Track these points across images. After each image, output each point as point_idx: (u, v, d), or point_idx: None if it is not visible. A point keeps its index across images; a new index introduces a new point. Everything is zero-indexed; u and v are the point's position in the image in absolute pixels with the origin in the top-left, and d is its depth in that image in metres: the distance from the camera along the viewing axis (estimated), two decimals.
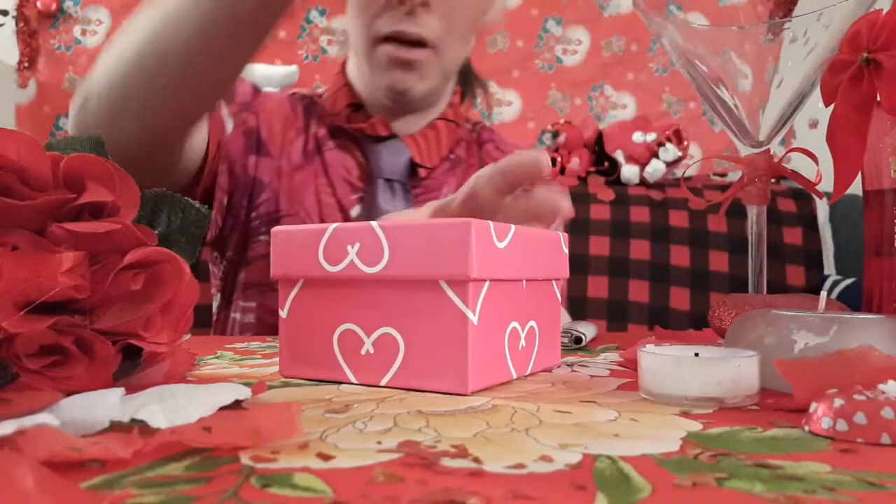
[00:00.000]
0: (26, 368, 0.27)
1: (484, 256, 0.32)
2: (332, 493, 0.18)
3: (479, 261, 0.31)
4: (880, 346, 0.28)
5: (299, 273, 0.35)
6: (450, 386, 0.32)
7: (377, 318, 0.34)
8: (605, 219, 1.61)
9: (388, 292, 0.33)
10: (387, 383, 0.34)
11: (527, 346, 0.37)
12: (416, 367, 0.33)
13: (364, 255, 0.33)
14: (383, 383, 0.34)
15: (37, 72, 2.13)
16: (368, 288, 0.34)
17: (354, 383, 0.35)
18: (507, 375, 0.35)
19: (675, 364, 0.30)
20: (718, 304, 0.46)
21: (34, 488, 0.16)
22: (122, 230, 0.28)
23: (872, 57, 0.38)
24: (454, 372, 0.32)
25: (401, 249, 0.32)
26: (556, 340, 0.41)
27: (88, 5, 2.14)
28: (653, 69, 2.04)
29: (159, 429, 0.22)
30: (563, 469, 0.21)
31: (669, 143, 1.70)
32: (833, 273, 1.63)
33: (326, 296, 0.35)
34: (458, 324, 0.32)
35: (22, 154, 0.27)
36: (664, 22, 0.49)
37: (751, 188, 0.48)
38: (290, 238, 0.36)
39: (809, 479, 0.20)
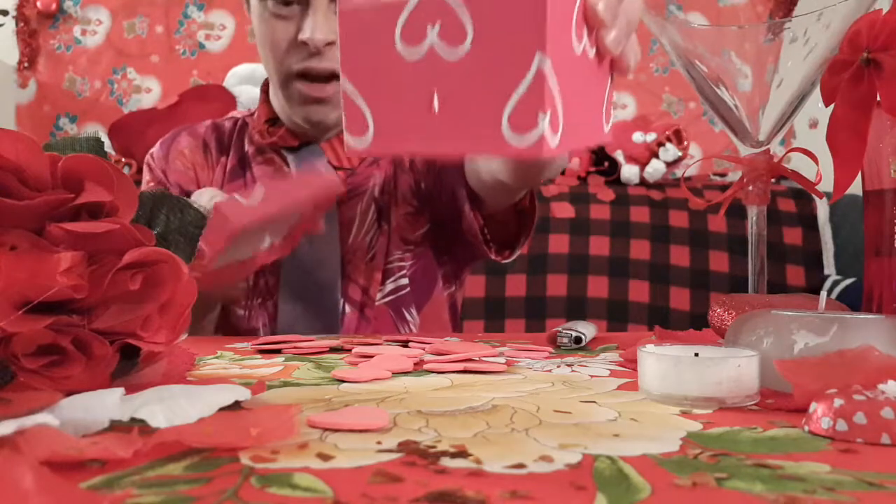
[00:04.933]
0: (24, 368, 0.27)
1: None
2: (332, 493, 0.18)
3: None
4: (880, 346, 0.28)
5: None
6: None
7: None
8: (605, 219, 1.61)
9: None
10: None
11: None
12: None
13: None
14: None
15: (37, 72, 2.13)
16: None
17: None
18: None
19: (675, 364, 0.30)
20: (718, 304, 0.46)
21: (34, 488, 0.16)
22: (120, 230, 0.28)
23: (872, 57, 0.38)
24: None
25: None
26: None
27: (88, 5, 2.14)
28: (653, 69, 2.04)
29: (159, 429, 0.22)
30: (563, 469, 0.21)
31: (669, 143, 1.70)
32: (833, 273, 1.63)
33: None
34: None
35: (20, 154, 0.27)
36: (664, 22, 0.49)
37: (751, 188, 0.48)
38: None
39: (809, 479, 0.20)
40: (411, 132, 0.30)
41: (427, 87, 0.29)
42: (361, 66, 0.31)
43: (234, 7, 2.15)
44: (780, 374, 0.29)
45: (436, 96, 0.29)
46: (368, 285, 0.77)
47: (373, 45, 0.30)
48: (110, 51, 2.15)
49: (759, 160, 0.48)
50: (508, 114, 0.28)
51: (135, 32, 2.15)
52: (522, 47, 0.27)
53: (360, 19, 0.30)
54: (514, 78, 0.27)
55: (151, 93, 2.16)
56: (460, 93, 0.29)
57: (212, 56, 2.16)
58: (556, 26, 0.27)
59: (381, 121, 0.31)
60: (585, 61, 0.31)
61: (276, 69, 0.75)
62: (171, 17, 2.15)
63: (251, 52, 2.11)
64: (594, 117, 0.34)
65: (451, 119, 0.29)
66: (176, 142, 0.86)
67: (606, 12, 0.31)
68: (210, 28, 2.16)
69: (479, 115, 0.28)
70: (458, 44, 0.28)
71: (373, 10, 0.30)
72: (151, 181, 0.85)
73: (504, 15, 0.27)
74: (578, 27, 0.30)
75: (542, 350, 0.47)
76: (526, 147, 0.27)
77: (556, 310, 1.55)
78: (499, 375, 0.38)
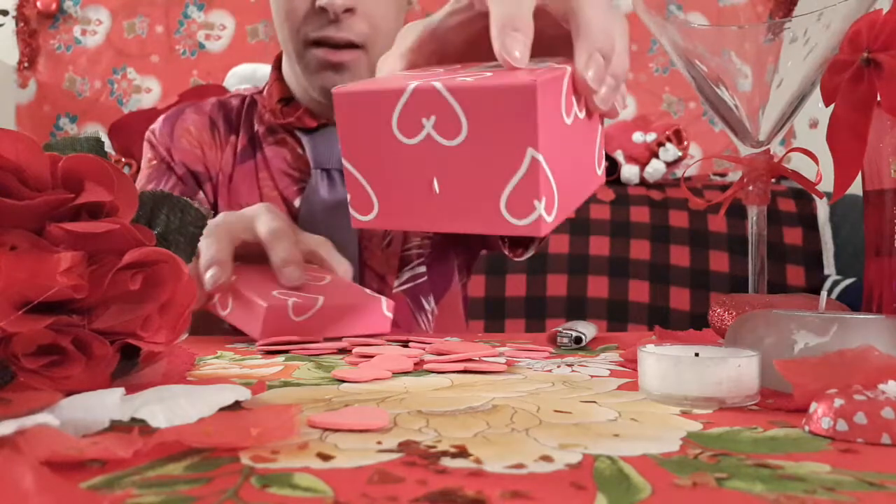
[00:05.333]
0: (24, 368, 0.27)
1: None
2: (332, 493, 0.18)
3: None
4: (880, 346, 0.28)
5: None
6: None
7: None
8: (605, 219, 1.61)
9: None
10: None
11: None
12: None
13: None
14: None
15: (37, 72, 2.13)
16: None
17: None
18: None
19: (675, 364, 0.30)
20: (718, 304, 0.46)
21: (34, 488, 0.16)
22: (120, 230, 0.28)
23: (872, 57, 0.38)
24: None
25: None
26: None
27: (88, 5, 2.14)
28: (653, 69, 2.05)
29: (159, 429, 0.22)
30: (563, 469, 0.21)
31: (669, 143, 1.70)
32: (833, 273, 1.63)
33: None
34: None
35: (20, 154, 0.27)
36: (664, 22, 0.49)
37: (751, 188, 0.48)
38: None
39: (809, 479, 0.20)
40: (415, 211, 0.31)
41: (427, 171, 0.30)
42: (361, 149, 0.31)
43: (234, 7, 2.15)
44: (780, 374, 0.29)
45: (436, 180, 0.30)
46: (385, 273, 0.76)
47: (370, 130, 0.31)
48: (110, 51, 2.15)
49: (759, 160, 0.48)
50: (505, 200, 0.29)
51: (135, 32, 2.15)
52: (515, 142, 0.28)
53: (356, 104, 0.31)
54: (509, 169, 0.28)
55: (151, 93, 2.16)
56: (459, 179, 0.29)
57: (212, 56, 2.16)
58: (546, 117, 0.28)
59: (384, 200, 0.32)
60: (576, 124, 0.32)
61: (291, 37, 0.73)
62: (171, 17, 2.16)
63: (251, 52, 2.12)
64: (587, 170, 0.35)
65: (451, 201, 0.30)
66: (181, 118, 0.82)
67: (595, 81, 0.31)
68: (210, 28, 2.16)
69: (478, 200, 0.29)
70: (454, 136, 0.29)
71: (368, 98, 0.30)
72: (154, 159, 0.81)
73: (496, 112, 0.28)
74: (567, 100, 0.30)
75: (542, 350, 0.47)
76: (524, 227, 0.29)
77: (556, 310, 1.55)
78: (499, 375, 0.38)
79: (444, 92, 0.28)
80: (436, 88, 0.28)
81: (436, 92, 0.28)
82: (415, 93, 0.29)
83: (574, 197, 0.32)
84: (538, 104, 0.27)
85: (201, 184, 0.80)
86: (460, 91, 0.28)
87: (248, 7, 2.15)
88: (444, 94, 0.28)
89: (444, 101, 0.28)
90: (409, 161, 0.30)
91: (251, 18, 2.15)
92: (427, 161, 0.30)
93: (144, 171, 0.81)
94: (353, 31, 0.71)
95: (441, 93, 0.28)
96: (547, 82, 0.27)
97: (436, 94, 0.28)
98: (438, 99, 0.28)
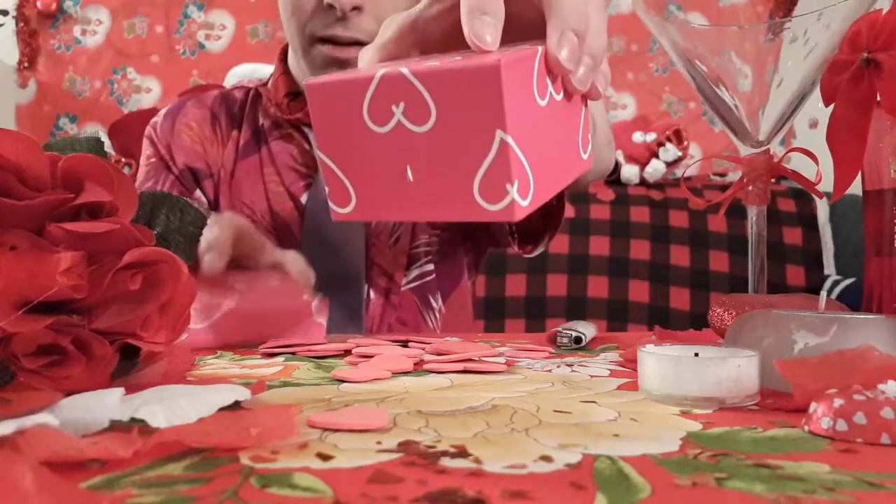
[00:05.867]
0: (24, 368, 0.27)
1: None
2: (331, 493, 0.18)
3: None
4: (880, 346, 0.28)
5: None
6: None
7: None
8: (605, 219, 1.61)
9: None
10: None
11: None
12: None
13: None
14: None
15: (37, 72, 2.13)
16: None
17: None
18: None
19: (675, 364, 0.30)
20: (718, 304, 0.46)
21: (34, 488, 0.16)
22: (120, 230, 0.28)
23: (872, 57, 0.38)
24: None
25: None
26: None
27: (88, 5, 2.14)
28: (653, 69, 2.04)
29: (159, 429, 0.22)
30: (562, 469, 0.21)
31: (669, 143, 1.70)
32: (833, 273, 1.63)
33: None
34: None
35: (20, 154, 0.27)
36: (664, 22, 0.49)
37: (751, 188, 0.48)
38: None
39: (809, 479, 0.20)
40: (391, 201, 0.31)
41: (400, 159, 0.30)
42: (335, 140, 0.31)
43: (234, 7, 2.15)
44: (780, 374, 0.28)
45: (409, 168, 0.30)
46: (394, 271, 0.75)
47: (343, 120, 0.31)
48: (110, 51, 2.15)
49: (759, 160, 0.48)
50: (478, 185, 0.28)
51: (135, 32, 2.15)
52: (483, 125, 0.27)
53: (328, 95, 0.31)
54: (479, 154, 0.28)
55: (151, 93, 2.16)
56: (431, 165, 0.29)
57: (212, 56, 2.16)
58: (514, 98, 0.28)
59: (361, 191, 0.32)
60: (553, 107, 0.32)
61: (298, 33, 0.72)
62: (171, 17, 2.16)
63: (251, 52, 2.12)
64: (569, 154, 0.34)
65: (426, 189, 0.30)
66: (182, 113, 0.81)
67: (570, 61, 0.31)
68: (210, 28, 2.16)
69: (451, 186, 0.29)
70: (424, 122, 0.29)
71: (339, 87, 0.30)
72: (153, 156, 0.80)
73: (462, 94, 0.28)
74: (541, 81, 0.30)
75: (542, 350, 0.47)
76: (498, 212, 0.28)
77: (556, 310, 1.55)
78: (499, 375, 0.38)
79: (411, 77, 0.28)
80: (403, 74, 0.28)
81: (403, 78, 0.28)
82: (383, 80, 0.29)
83: (555, 181, 0.32)
84: (503, 85, 0.26)
85: (200, 181, 0.79)
86: (426, 75, 0.28)
87: (248, 7, 2.15)
88: (411, 80, 0.28)
89: (412, 86, 0.28)
90: (382, 149, 0.30)
91: (251, 18, 2.15)
92: (399, 149, 0.30)
93: (143, 167, 0.80)
94: (361, 30, 0.71)
95: (408, 78, 0.28)
96: (513, 62, 0.27)
97: (403, 80, 0.28)
98: (406, 85, 0.28)
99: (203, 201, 0.79)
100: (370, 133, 0.30)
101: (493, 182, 0.28)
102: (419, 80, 0.28)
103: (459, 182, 0.29)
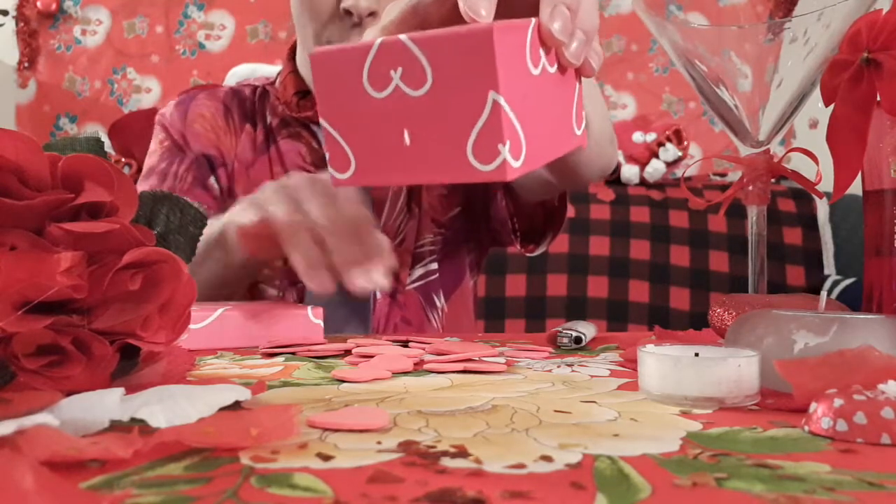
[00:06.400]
0: (24, 368, 0.27)
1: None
2: (331, 493, 0.18)
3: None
4: (880, 346, 0.28)
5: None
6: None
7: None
8: (605, 219, 1.61)
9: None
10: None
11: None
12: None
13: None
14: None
15: (37, 72, 2.13)
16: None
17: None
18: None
19: (675, 364, 0.30)
20: (718, 304, 0.46)
21: (34, 488, 0.16)
22: (120, 230, 0.28)
23: (872, 57, 0.38)
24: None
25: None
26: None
27: (88, 5, 2.14)
28: (653, 69, 2.04)
29: (159, 429, 0.22)
30: (563, 469, 0.21)
31: (669, 143, 1.70)
32: (833, 273, 1.63)
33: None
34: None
35: (20, 154, 0.27)
36: (664, 22, 0.49)
37: (751, 188, 0.48)
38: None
39: (809, 479, 0.20)
40: (389, 165, 0.32)
41: (397, 124, 0.31)
42: (336, 107, 0.33)
43: (234, 7, 2.15)
44: (780, 374, 0.28)
45: (406, 132, 0.31)
46: (399, 269, 0.75)
47: (344, 87, 0.32)
48: (110, 51, 2.15)
49: (759, 160, 0.48)
50: (471, 146, 0.30)
51: (135, 32, 2.15)
52: (477, 86, 0.29)
53: (331, 64, 0.32)
54: (473, 115, 0.29)
55: (151, 93, 2.16)
56: (427, 128, 0.31)
57: (212, 56, 2.16)
58: (507, 62, 0.29)
59: (360, 156, 0.33)
60: (546, 78, 0.33)
61: (314, 37, 0.71)
62: (171, 17, 2.16)
63: (251, 52, 2.12)
64: (562, 127, 0.35)
65: (422, 152, 0.31)
66: (194, 103, 0.80)
67: (562, 33, 0.32)
68: (210, 28, 2.16)
69: (446, 148, 0.30)
70: (420, 86, 0.30)
71: (340, 55, 0.32)
72: (166, 140, 0.79)
73: (457, 59, 0.29)
74: (534, 51, 0.31)
75: (542, 350, 0.47)
76: (490, 172, 0.30)
77: (556, 310, 1.55)
78: (499, 375, 0.38)
79: (409, 43, 0.30)
80: (401, 40, 0.30)
81: (401, 44, 0.30)
82: (382, 46, 0.30)
83: (547, 149, 0.33)
84: (496, 47, 0.28)
85: (214, 168, 0.78)
86: (423, 41, 0.29)
87: (248, 7, 2.15)
88: (408, 45, 0.30)
89: (409, 51, 0.30)
90: (381, 114, 0.31)
91: (251, 18, 2.15)
92: (397, 113, 0.31)
93: (156, 151, 0.79)
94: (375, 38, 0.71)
95: (406, 44, 0.30)
96: (506, 28, 0.29)
97: (401, 46, 0.30)
98: (404, 50, 0.30)
99: (216, 189, 0.77)
100: (369, 99, 0.32)
101: (485, 142, 0.29)
102: (416, 45, 0.30)
103: (454, 144, 0.30)
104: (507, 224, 0.75)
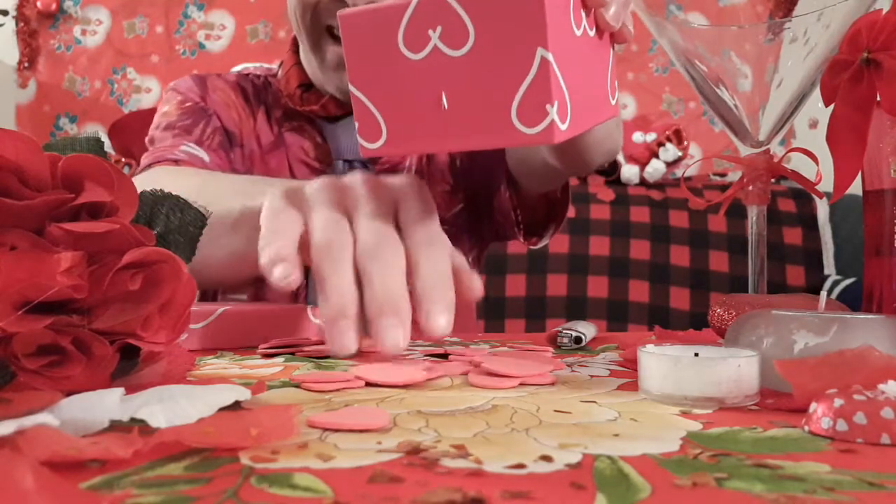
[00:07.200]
0: (24, 368, 0.27)
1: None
2: (331, 493, 0.18)
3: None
4: (880, 346, 0.28)
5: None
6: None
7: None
8: (605, 219, 1.61)
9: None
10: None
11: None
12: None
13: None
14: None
15: (37, 72, 2.14)
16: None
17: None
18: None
19: (675, 364, 0.30)
20: (718, 304, 0.46)
21: (34, 488, 0.16)
22: (120, 230, 0.28)
23: (872, 57, 0.38)
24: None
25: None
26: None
27: (88, 5, 2.14)
28: (653, 69, 2.04)
29: (159, 429, 0.22)
30: (563, 469, 0.21)
31: (669, 143, 1.71)
32: (833, 273, 1.63)
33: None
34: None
35: (20, 154, 0.27)
36: (664, 22, 0.49)
37: (751, 188, 0.48)
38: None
39: (809, 479, 0.20)
40: (423, 131, 0.30)
41: (434, 87, 0.29)
42: (368, 72, 0.31)
43: (234, 7, 2.15)
44: (780, 374, 0.28)
45: (444, 95, 0.29)
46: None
47: (377, 50, 0.30)
48: (110, 51, 2.15)
49: (759, 160, 0.48)
50: (516, 107, 0.28)
51: (135, 32, 2.16)
52: (524, 43, 0.27)
53: (362, 26, 0.30)
54: (520, 73, 0.27)
55: (151, 93, 2.16)
56: (468, 90, 0.29)
57: (212, 56, 2.16)
58: (554, 18, 0.27)
59: (392, 122, 0.31)
60: (586, 41, 0.31)
61: (309, 28, 0.69)
62: (171, 17, 2.16)
63: (251, 52, 2.12)
64: (601, 93, 0.34)
65: (460, 115, 0.29)
66: (210, 79, 0.78)
67: None
68: (210, 28, 2.16)
69: (488, 110, 0.29)
70: (461, 45, 0.28)
71: (373, 16, 0.30)
72: (187, 101, 0.74)
73: (503, 14, 0.27)
74: (576, 11, 0.30)
75: (542, 350, 0.47)
76: (536, 135, 0.28)
77: (556, 310, 1.55)
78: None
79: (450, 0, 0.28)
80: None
81: (442, 1, 0.28)
82: (420, 4, 0.29)
83: (587, 115, 0.32)
84: (546, 1, 0.26)
85: (233, 146, 0.75)
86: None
87: (248, 7, 2.15)
88: (450, 2, 0.28)
89: (450, 8, 0.28)
90: (417, 77, 0.30)
91: (251, 18, 2.15)
92: (434, 75, 0.29)
93: (173, 112, 0.74)
94: None
95: (447, 1, 0.28)
96: None
97: (442, 3, 0.28)
98: (444, 7, 0.28)
99: (239, 165, 0.74)
100: (405, 61, 0.30)
101: (532, 103, 0.28)
102: (458, 3, 0.28)
103: (496, 106, 0.28)
104: (511, 216, 0.74)
